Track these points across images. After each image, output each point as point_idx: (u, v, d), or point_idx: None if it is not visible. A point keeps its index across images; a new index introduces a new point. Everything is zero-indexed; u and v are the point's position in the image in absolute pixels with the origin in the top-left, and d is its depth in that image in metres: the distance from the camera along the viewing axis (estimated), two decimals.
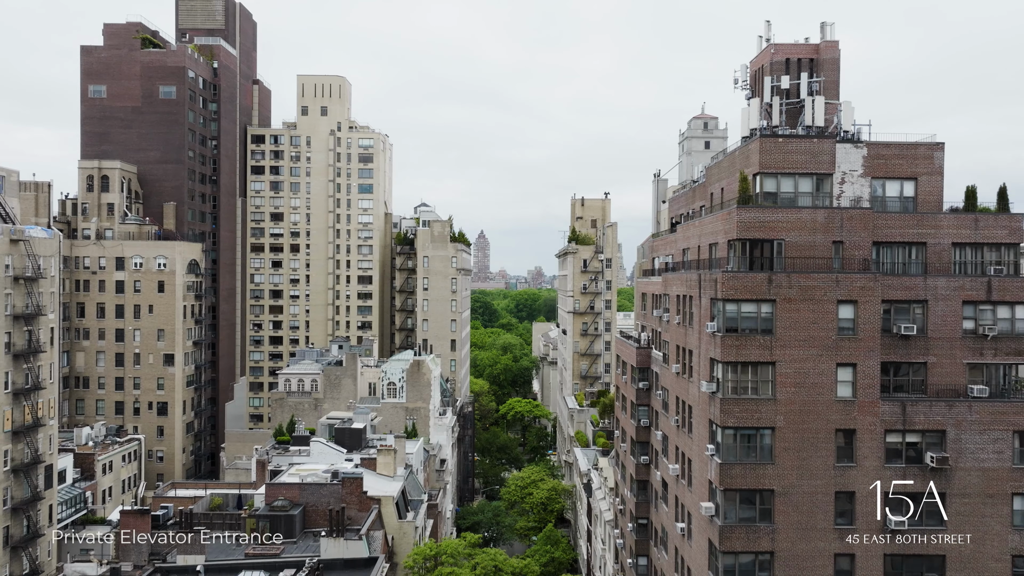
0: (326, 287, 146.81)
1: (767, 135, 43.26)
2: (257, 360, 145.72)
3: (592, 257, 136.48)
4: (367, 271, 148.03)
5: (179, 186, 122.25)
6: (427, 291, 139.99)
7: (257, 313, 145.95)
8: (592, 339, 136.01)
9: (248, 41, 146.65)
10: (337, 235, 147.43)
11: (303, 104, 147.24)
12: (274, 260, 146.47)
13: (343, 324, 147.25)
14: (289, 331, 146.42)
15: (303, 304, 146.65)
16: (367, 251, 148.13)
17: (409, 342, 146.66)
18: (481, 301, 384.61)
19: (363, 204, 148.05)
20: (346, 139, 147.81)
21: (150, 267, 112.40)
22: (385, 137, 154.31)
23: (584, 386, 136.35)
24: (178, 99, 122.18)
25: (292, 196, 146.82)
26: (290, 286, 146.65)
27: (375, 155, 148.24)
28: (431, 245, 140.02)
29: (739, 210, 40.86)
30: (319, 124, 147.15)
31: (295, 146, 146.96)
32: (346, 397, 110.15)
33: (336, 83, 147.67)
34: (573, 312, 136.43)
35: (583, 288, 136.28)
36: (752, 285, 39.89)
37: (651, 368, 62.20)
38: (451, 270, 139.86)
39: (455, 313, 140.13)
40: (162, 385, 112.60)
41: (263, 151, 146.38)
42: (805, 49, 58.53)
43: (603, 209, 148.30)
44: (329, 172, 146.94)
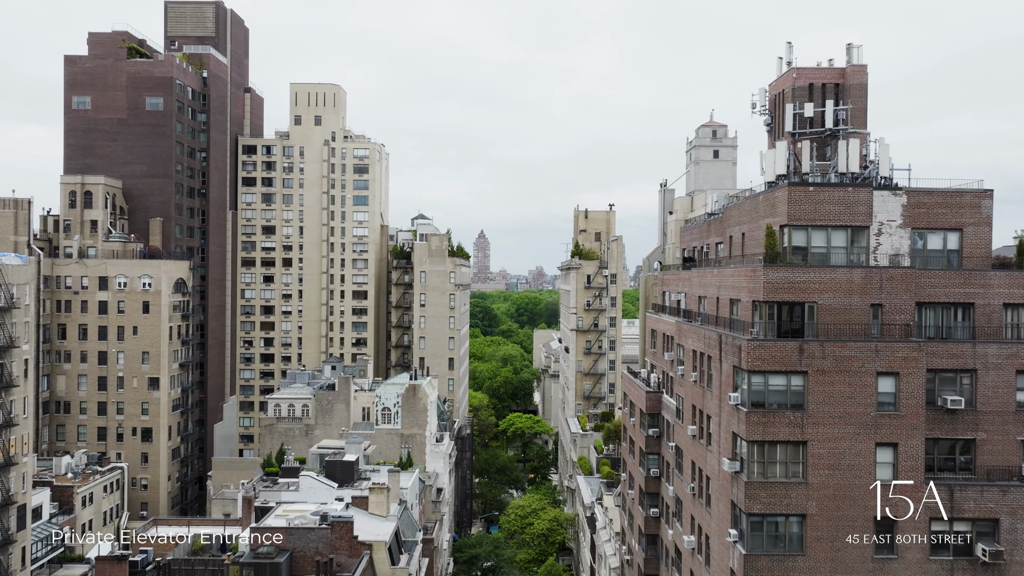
0: (319, 303, 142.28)
1: (796, 183, 38.58)
2: (247, 378, 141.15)
3: (596, 273, 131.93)
4: (362, 286, 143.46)
5: (166, 201, 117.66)
6: (424, 307, 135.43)
7: (248, 330, 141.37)
8: (596, 358, 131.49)
9: (239, 48, 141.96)
10: (331, 248, 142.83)
11: (296, 113, 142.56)
12: (266, 275, 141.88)
13: (337, 341, 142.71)
14: (281, 348, 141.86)
15: (295, 320, 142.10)
16: (362, 265, 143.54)
17: (405, 359, 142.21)
18: (481, 306, 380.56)
19: (358, 216, 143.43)
20: (341, 149, 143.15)
21: (134, 287, 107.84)
22: (381, 147, 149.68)
23: (587, 407, 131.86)
24: (165, 110, 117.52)
25: (285, 208, 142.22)
26: (282, 301, 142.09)
27: (371, 165, 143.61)
28: (428, 260, 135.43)
29: (766, 269, 36.22)
30: (313, 134, 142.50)
31: (288, 157, 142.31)
32: (338, 423, 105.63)
33: (330, 92, 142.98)
34: (576, 330, 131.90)
35: (587, 305, 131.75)
36: (781, 355, 35.28)
37: (662, 415, 57.64)
38: (449, 286, 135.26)
39: (453, 330, 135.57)
40: (147, 410, 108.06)
41: (255, 162, 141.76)
42: (830, 73, 53.88)
43: (607, 221, 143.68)
44: (323, 183, 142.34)
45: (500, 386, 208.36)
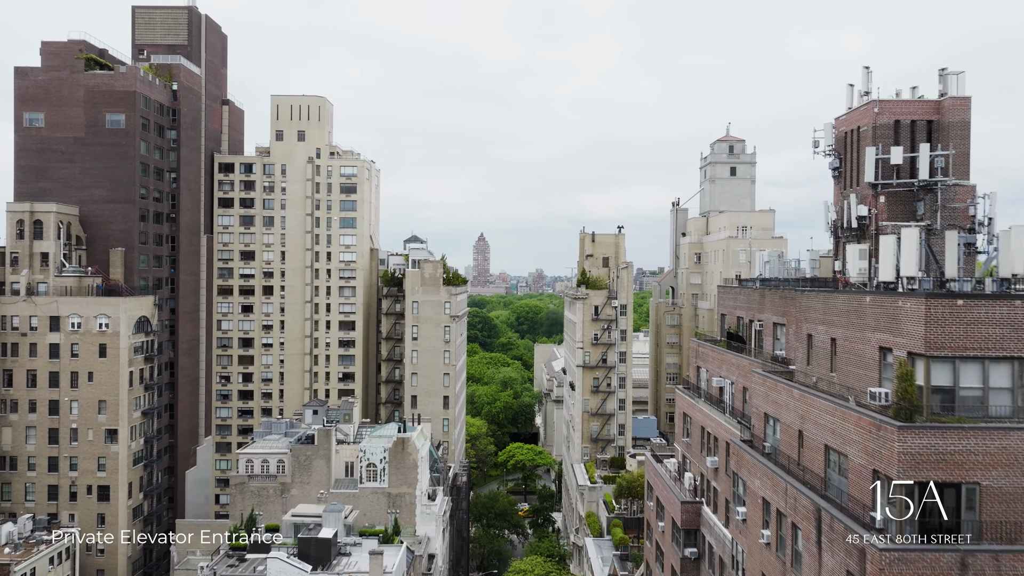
0: (303, 334, 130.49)
1: (939, 294, 26.60)
2: (224, 417, 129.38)
3: (605, 303, 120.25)
4: (349, 316, 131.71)
5: (129, 229, 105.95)
6: (416, 341, 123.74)
7: (225, 364, 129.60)
8: (604, 397, 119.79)
9: (216, 57, 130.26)
10: (316, 275, 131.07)
11: (277, 128, 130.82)
12: (244, 304, 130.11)
13: (322, 375, 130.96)
14: (261, 384, 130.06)
15: (277, 353, 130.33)
16: (350, 293, 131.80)
17: (396, 396, 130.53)
18: (480, 315, 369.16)
19: (345, 240, 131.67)
20: (326, 167, 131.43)
21: (90, 327, 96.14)
22: (370, 163, 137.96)
23: (595, 450, 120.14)
24: (128, 128, 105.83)
25: (265, 232, 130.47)
26: (262, 333, 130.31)
27: (359, 184, 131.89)
28: (421, 289, 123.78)
29: (905, 433, 24.19)
30: (296, 150, 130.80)
31: (268, 175, 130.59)
32: (318, 481, 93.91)
33: (315, 104, 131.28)
34: (583, 366, 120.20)
35: (594, 339, 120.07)
36: (935, 573, 23.15)
37: (702, 533, 45.91)
38: (444, 317, 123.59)
39: (448, 366, 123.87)
40: (103, 465, 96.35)
41: (232, 181, 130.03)
42: (921, 108, 42.14)
43: (616, 245, 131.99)
44: (307, 204, 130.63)
45: (500, 412, 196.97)
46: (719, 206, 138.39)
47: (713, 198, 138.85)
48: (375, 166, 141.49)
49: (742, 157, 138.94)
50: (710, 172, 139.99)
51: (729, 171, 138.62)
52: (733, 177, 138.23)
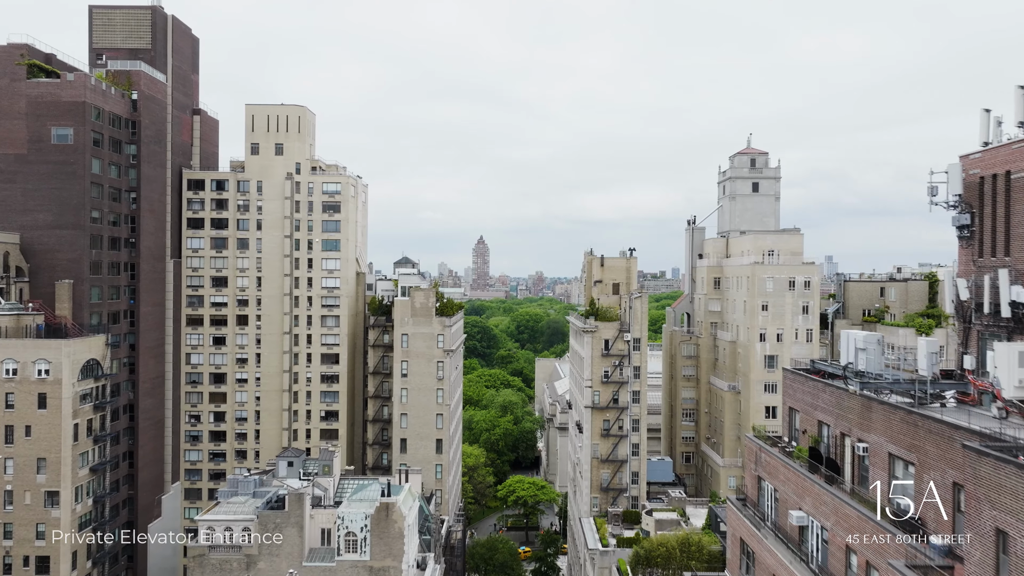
0: (281, 369, 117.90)
1: None
2: (194, 461, 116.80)
3: (616, 337, 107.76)
4: (333, 348, 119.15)
5: (78, 257, 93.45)
6: (406, 378, 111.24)
7: (194, 402, 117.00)
8: (616, 441, 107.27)
9: (185, 63, 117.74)
10: (295, 303, 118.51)
11: (253, 141, 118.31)
12: (216, 336, 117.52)
13: (302, 414, 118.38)
14: (235, 424, 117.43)
15: (252, 390, 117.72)
16: (333, 323, 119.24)
17: (385, 437, 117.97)
18: (480, 325, 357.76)
19: (328, 264, 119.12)
20: (307, 183, 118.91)
21: (27, 374, 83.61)
22: (356, 179, 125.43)
23: (605, 501, 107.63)
24: (77, 144, 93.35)
25: (239, 255, 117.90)
26: (236, 367, 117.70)
27: (343, 203, 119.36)
28: (411, 320, 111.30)
29: None
30: (273, 165, 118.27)
31: (243, 193, 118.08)
32: (289, 552, 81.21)
33: (294, 115, 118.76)
34: (592, 407, 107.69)
35: (604, 376, 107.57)
36: None
37: None
38: (436, 351, 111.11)
39: (441, 405, 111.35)
40: (43, 533, 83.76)
41: (202, 200, 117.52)
42: None
43: (627, 270, 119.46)
44: (285, 225, 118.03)
45: (499, 439, 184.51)
46: (740, 225, 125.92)
47: (733, 216, 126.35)
48: (361, 181, 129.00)
49: (765, 171, 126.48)
50: (729, 188, 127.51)
51: (751, 187, 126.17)
52: (755, 194, 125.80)
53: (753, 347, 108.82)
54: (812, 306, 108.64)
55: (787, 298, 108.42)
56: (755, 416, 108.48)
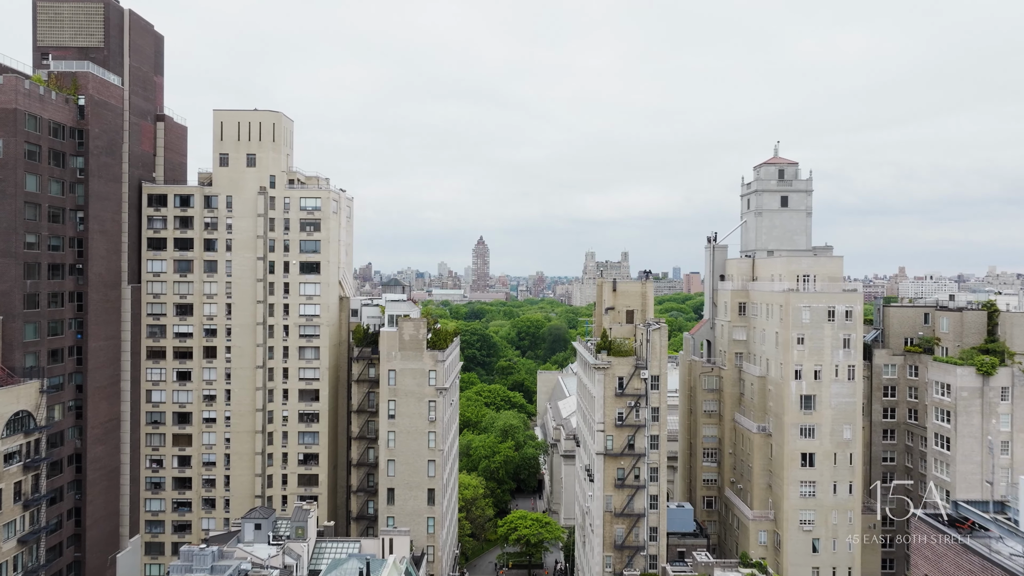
0: (254, 407, 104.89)
1: None
2: (156, 511, 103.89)
3: (632, 374, 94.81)
4: (312, 383, 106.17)
5: (8, 289, 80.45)
6: (394, 419, 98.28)
7: (156, 445, 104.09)
8: (632, 493, 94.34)
9: (146, 63, 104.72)
10: (270, 333, 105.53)
11: (222, 151, 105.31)
12: (180, 370, 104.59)
13: (278, 457, 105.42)
14: (202, 469, 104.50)
15: (222, 431, 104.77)
16: (312, 355, 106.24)
17: (370, 483, 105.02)
18: (479, 334, 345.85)
19: (307, 289, 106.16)
20: (283, 199, 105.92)
21: None
22: (339, 193, 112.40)
23: (620, 561, 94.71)
24: (7, 158, 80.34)
25: (207, 279, 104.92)
26: (203, 405, 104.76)
27: (323, 220, 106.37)
28: (399, 355, 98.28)
29: None
30: (244, 178, 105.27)
31: (211, 209, 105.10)
32: None
33: (268, 121, 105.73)
34: (604, 454, 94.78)
35: (618, 419, 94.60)
36: None
37: None
38: (428, 390, 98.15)
39: (434, 451, 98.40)
40: None
41: (164, 217, 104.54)
42: None
43: (643, 296, 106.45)
44: (258, 246, 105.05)
45: (499, 467, 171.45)
46: (767, 244, 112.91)
47: (759, 234, 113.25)
48: (346, 195, 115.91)
49: (795, 184, 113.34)
50: (755, 202, 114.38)
51: (779, 201, 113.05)
52: (784, 209, 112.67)
53: (787, 385, 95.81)
54: (854, 339, 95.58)
55: (826, 330, 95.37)
56: (789, 465, 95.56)
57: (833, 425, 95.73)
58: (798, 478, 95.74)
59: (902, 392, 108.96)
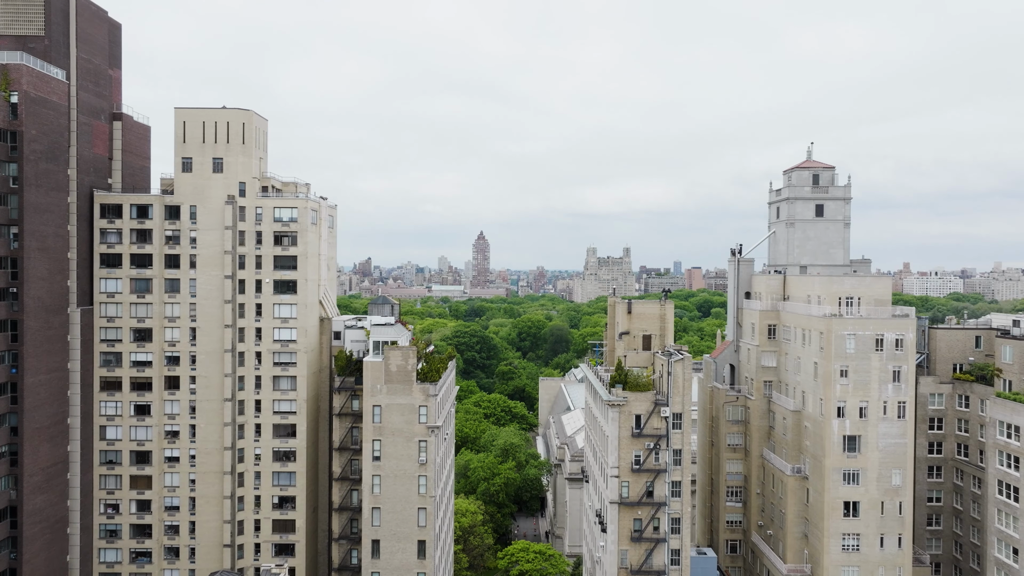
0: (222, 445, 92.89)
1: None
2: (112, 562, 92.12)
3: (651, 412, 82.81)
4: (288, 417, 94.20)
5: None
6: (379, 461, 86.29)
7: (112, 488, 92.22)
8: (650, 547, 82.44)
9: (98, 55, 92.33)
10: (240, 361, 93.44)
11: (184, 155, 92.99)
12: (139, 403, 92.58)
13: (250, 501, 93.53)
14: (164, 515, 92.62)
15: (186, 471, 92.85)
16: (288, 385, 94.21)
17: (354, 531, 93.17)
18: (479, 335, 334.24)
19: (282, 311, 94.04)
20: (254, 209, 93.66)
21: None
22: (320, 201, 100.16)
23: None
24: None
25: (168, 300, 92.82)
26: (165, 443, 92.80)
27: (300, 232, 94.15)
28: (386, 388, 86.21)
29: None
30: (210, 186, 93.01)
31: (172, 221, 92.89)
32: None
33: (238, 120, 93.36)
34: (619, 502, 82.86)
35: (635, 463, 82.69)
36: None
37: None
38: (418, 428, 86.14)
39: (425, 497, 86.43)
40: None
41: (119, 230, 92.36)
42: None
43: (661, 319, 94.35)
44: (226, 262, 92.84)
45: (499, 490, 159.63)
46: (800, 258, 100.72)
47: (791, 247, 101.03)
48: (327, 203, 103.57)
49: (832, 191, 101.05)
50: (786, 211, 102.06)
51: (813, 210, 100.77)
52: (819, 219, 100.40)
53: (827, 424, 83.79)
54: (905, 372, 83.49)
55: (873, 361, 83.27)
56: (830, 515, 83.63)
57: (880, 470, 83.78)
58: (840, 530, 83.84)
59: (950, 425, 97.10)
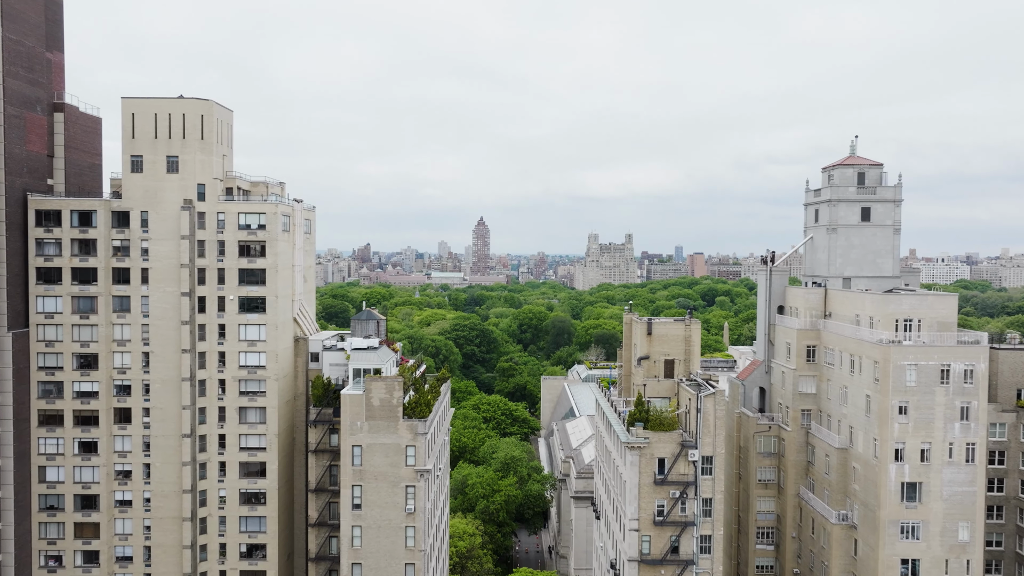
0: (180, 486, 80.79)
1: None
2: None
3: (676, 455, 70.63)
4: (256, 454, 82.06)
5: None
6: (359, 510, 74.21)
7: (53, 538, 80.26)
8: None
9: (31, 36, 79.41)
10: (201, 390, 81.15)
11: (134, 153, 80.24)
12: (84, 440, 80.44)
13: (214, 551, 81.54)
14: (114, 566, 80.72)
15: (139, 517, 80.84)
16: (256, 417, 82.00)
17: None
18: (478, 328, 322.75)
19: (248, 333, 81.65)
20: (216, 215, 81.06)
21: None
22: (294, 205, 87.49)
23: None
24: None
25: (117, 321, 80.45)
26: (115, 485, 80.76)
27: (270, 242, 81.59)
28: (367, 425, 73.98)
29: None
30: (164, 189, 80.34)
31: (120, 229, 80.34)
32: None
33: (195, 113, 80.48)
34: (639, 560, 70.83)
35: (658, 514, 70.65)
36: None
37: None
38: (405, 471, 73.99)
39: (413, 551, 74.39)
40: None
41: (59, 240, 79.78)
42: None
43: (686, 341, 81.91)
44: (183, 277, 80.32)
45: (500, 508, 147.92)
46: (843, 269, 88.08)
47: (834, 256, 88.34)
48: (303, 205, 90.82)
49: (880, 192, 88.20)
50: (827, 214, 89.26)
51: (858, 214, 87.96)
52: (866, 224, 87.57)
53: (883, 469, 71.60)
54: (975, 408, 71.18)
55: (937, 396, 70.96)
56: (886, 574, 71.58)
57: (945, 523, 71.70)
58: None
59: (1013, 459, 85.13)
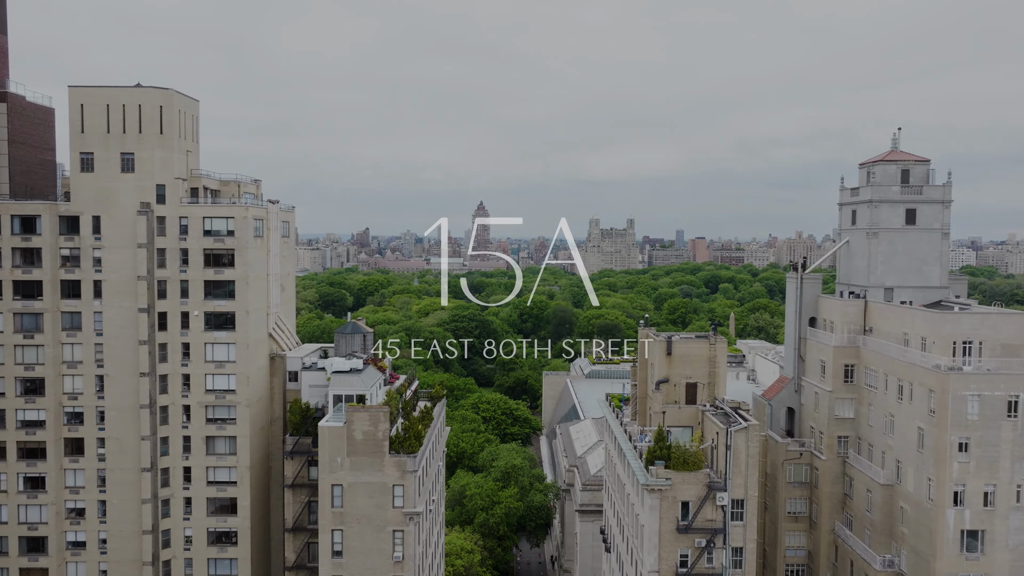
0: (139, 526, 71.67)
1: None
2: None
3: (703, 498, 61.45)
4: (225, 488, 72.89)
5: None
6: (340, 559, 65.04)
7: None
8: None
9: None
10: (162, 418, 71.85)
11: (83, 150, 70.49)
12: (28, 475, 71.24)
13: None
14: None
15: (95, 560, 71.79)
16: (226, 448, 72.77)
17: None
18: (478, 319, 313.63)
19: (216, 353, 72.24)
20: (178, 219, 71.40)
21: None
22: (269, 207, 77.75)
23: None
24: None
25: (67, 341, 71.01)
26: (67, 524, 71.64)
27: (240, 250, 71.99)
28: (349, 461, 64.68)
29: None
30: (119, 190, 70.63)
31: (69, 236, 70.71)
32: None
33: (153, 103, 70.60)
34: None
35: (681, 565, 61.90)
36: None
37: None
38: (393, 514, 64.79)
39: None
40: None
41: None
42: None
43: (711, 362, 72.55)
44: (141, 290, 70.76)
45: (500, 521, 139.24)
46: (885, 278, 78.49)
47: (875, 263, 78.69)
48: (278, 206, 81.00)
49: (926, 192, 78.41)
50: (867, 216, 79.50)
51: (903, 216, 78.23)
52: (910, 227, 77.85)
53: (939, 514, 62.50)
54: None
55: (1004, 431, 61.76)
56: None
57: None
58: None
59: None
